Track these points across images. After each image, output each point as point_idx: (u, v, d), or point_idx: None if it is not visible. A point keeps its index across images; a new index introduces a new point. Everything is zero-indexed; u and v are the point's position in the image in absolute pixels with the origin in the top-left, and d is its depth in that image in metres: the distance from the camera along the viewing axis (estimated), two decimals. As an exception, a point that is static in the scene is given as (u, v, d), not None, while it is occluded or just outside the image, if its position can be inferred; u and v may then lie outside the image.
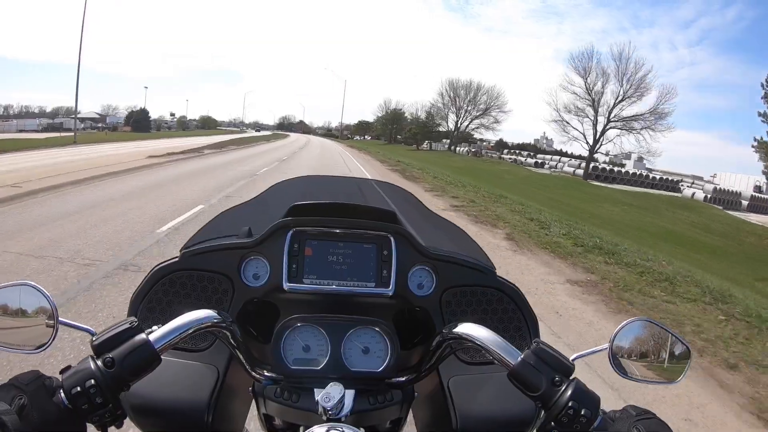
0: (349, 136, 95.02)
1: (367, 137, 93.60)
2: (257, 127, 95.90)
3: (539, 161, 57.13)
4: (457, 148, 63.77)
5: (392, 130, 76.47)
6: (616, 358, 0.62)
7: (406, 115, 74.72)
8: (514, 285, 0.83)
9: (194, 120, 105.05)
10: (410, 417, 0.79)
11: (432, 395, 0.81)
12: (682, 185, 44.82)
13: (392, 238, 0.76)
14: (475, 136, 67.01)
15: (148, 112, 65.38)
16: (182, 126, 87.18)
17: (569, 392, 0.55)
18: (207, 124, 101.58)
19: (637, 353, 0.63)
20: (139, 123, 58.27)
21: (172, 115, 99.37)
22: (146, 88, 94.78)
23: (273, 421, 0.73)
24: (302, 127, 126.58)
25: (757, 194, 40.07)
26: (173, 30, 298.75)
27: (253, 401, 0.70)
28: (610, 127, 42.02)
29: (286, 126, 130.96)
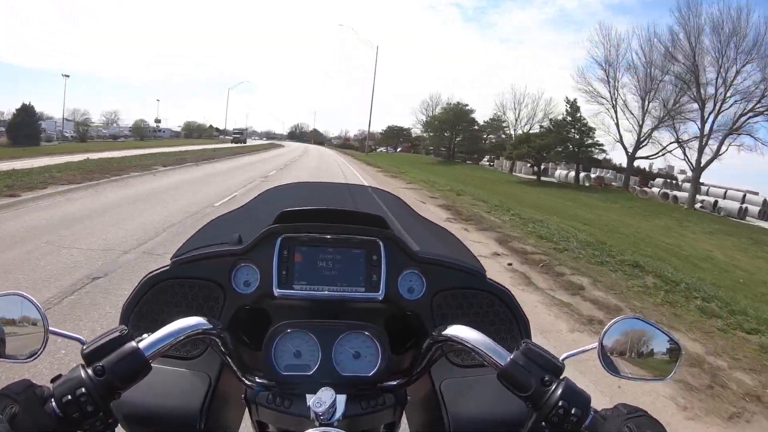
0: (372, 147, 63.22)
1: (390, 149, 68.04)
2: (236, 134, 62.15)
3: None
4: (518, 168, 37.06)
5: (452, 139, 45.83)
6: (606, 357, 0.63)
7: (474, 116, 44.81)
8: (504, 287, 0.84)
9: (169, 127, 78.12)
10: (404, 421, 0.79)
11: (425, 399, 0.81)
12: None
13: (381, 243, 0.77)
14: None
15: (34, 114, 33.87)
16: (139, 134, 58.60)
17: (559, 392, 0.55)
18: (197, 132, 78.09)
19: (626, 351, 0.63)
20: (20, 130, 30.34)
21: (157, 121, 71.16)
22: (66, 76, 52.35)
23: (266, 428, 0.73)
24: (315, 136, 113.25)
25: None
26: (181, 35, 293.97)
27: (247, 408, 0.70)
28: None
29: (298, 135, 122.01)
